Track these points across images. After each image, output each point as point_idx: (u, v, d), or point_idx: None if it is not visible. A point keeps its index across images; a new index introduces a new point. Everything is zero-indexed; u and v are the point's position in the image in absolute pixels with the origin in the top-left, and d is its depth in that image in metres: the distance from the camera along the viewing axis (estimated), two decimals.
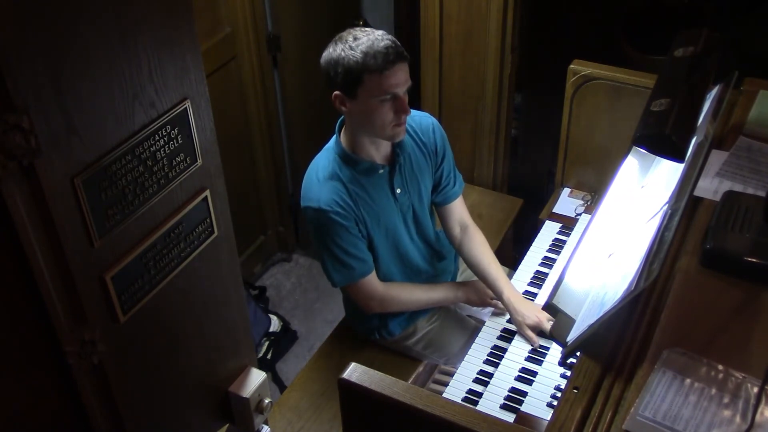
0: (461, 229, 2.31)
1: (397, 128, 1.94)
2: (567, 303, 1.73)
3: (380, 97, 1.87)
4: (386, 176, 2.08)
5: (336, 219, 1.99)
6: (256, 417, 1.70)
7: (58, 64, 1.07)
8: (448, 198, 2.27)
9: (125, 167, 1.23)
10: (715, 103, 1.70)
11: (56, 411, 1.30)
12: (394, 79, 1.87)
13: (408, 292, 2.23)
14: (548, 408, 1.91)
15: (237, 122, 3.09)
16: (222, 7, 2.81)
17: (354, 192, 2.03)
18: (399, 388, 1.27)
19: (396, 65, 1.86)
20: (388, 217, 2.12)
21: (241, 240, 2.92)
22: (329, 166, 2.03)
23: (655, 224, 1.49)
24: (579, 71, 2.43)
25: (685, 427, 1.19)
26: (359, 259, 2.08)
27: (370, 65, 1.84)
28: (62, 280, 1.17)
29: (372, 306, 2.19)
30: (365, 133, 1.99)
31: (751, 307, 1.39)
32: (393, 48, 1.86)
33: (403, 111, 1.91)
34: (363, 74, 1.85)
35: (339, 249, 2.05)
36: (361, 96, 1.88)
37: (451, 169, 2.26)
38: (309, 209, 2.03)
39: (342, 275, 2.10)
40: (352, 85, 1.88)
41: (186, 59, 1.29)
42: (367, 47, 1.84)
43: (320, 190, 2.00)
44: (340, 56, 1.86)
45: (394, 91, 1.88)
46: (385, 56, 1.84)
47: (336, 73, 1.88)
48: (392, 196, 2.11)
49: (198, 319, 1.52)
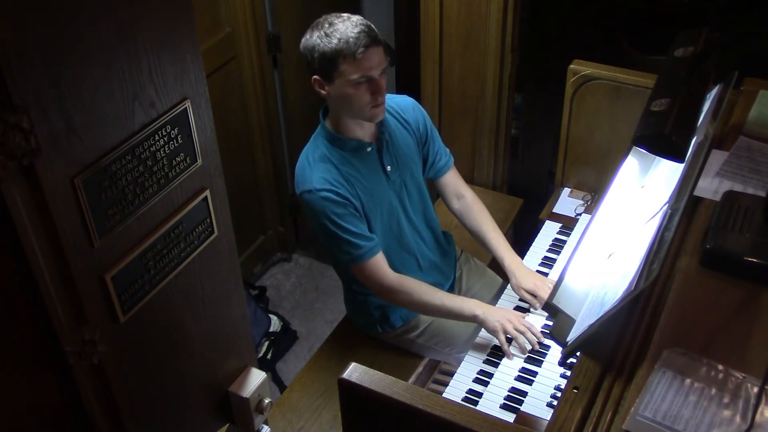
0: (458, 200, 2.39)
1: (375, 109, 2.02)
2: (567, 303, 1.73)
3: (356, 80, 1.95)
4: (375, 154, 2.14)
5: (332, 197, 2.02)
6: (256, 417, 1.70)
7: (58, 64, 1.07)
8: (440, 171, 2.36)
9: (125, 167, 1.23)
10: (715, 103, 1.70)
11: (56, 411, 1.30)
12: (368, 62, 1.94)
13: (422, 291, 2.16)
14: (548, 408, 1.91)
15: (237, 122, 3.08)
16: (222, 7, 2.81)
17: (346, 172, 2.07)
18: (399, 388, 1.27)
19: (369, 49, 1.94)
20: (383, 196, 2.15)
21: (241, 240, 2.92)
22: (318, 149, 2.10)
23: (655, 224, 1.49)
24: (579, 71, 2.43)
25: (685, 427, 1.19)
26: (363, 237, 2.08)
27: (344, 50, 1.92)
28: (62, 280, 1.17)
29: (383, 289, 2.14)
30: (346, 114, 2.06)
31: (751, 307, 1.39)
32: (366, 32, 1.94)
33: (379, 92, 1.99)
34: (338, 59, 1.93)
35: (340, 229, 2.05)
36: (338, 80, 1.97)
37: (438, 143, 2.34)
38: (304, 194, 2.05)
39: (349, 255, 2.08)
40: (329, 70, 1.97)
41: (186, 59, 1.29)
42: (341, 33, 1.92)
43: (312, 172, 2.05)
44: (316, 42, 1.96)
45: (369, 74, 1.96)
46: (357, 41, 1.92)
47: (313, 58, 1.98)
48: (384, 173, 2.15)
49: (198, 319, 1.52)
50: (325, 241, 2.12)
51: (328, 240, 2.09)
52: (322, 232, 2.09)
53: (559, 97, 2.55)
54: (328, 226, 2.05)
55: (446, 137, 2.50)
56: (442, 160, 2.35)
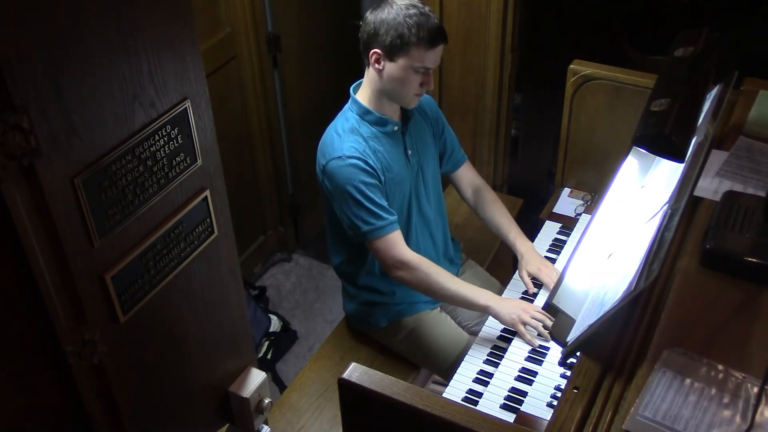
0: (474, 191, 2.44)
1: (417, 98, 2.11)
2: (567, 303, 1.73)
3: (417, 68, 2.02)
4: (399, 135, 2.18)
5: (361, 165, 2.05)
6: (256, 417, 1.70)
7: (58, 64, 1.07)
8: (457, 163, 2.42)
9: (125, 167, 1.23)
10: (715, 103, 1.70)
11: (56, 411, 1.30)
12: (434, 56, 2.03)
13: (439, 272, 2.14)
14: (548, 408, 1.91)
15: (237, 122, 3.08)
16: (222, 7, 2.81)
17: (374, 147, 2.10)
18: (399, 388, 1.27)
19: (440, 45, 2.03)
20: (403, 177, 2.17)
21: (241, 240, 2.92)
22: (348, 122, 2.13)
23: (655, 224, 1.49)
24: (579, 71, 2.43)
25: (685, 427, 1.19)
26: (386, 210, 2.08)
27: (422, 39, 1.99)
28: (62, 280, 1.17)
29: (400, 264, 2.11)
30: (387, 94, 2.10)
31: (751, 307, 1.39)
32: (441, 30, 2.04)
33: (428, 84, 2.08)
34: (411, 44, 1.99)
35: (365, 197, 2.04)
36: (401, 62, 2.02)
37: (453, 136, 2.41)
38: (331, 161, 2.05)
39: (370, 226, 2.06)
40: (397, 50, 2.01)
41: (186, 59, 1.29)
42: (422, 21, 1.99)
43: (341, 142, 2.07)
44: (396, 20, 1.99)
45: (431, 66, 2.04)
46: (435, 35, 2.00)
47: (386, 33, 2.01)
48: (405, 156, 2.18)
49: (198, 319, 1.52)
50: (345, 212, 2.08)
51: (350, 209, 2.06)
52: (343, 202, 2.07)
53: (559, 97, 2.55)
54: (353, 193, 2.04)
55: None
56: (458, 153, 2.41)
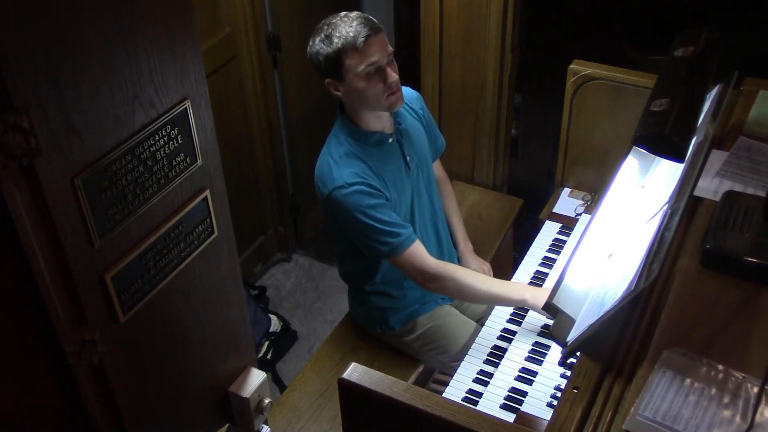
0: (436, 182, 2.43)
1: (391, 97, 2.01)
2: (567, 303, 1.73)
3: (364, 72, 1.95)
4: (396, 145, 2.15)
5: (365, 189, 2.00)
6: (256, 417, 1.70)
7: (58, 64, 1.07)
8: (437, 153, 2.44)
9: (125, 167, 1.23)
10: (715, 103, 1.69)
11: (56, 411, 1.30)
12: (371, 51, 1.94)
13: (468, 276, 2.13)
14: (548, 408, 1.91)
15: (237, 122, 3.08)
16: (222, 7, 2.81)
17: (374, 165, 2.07)
18: (399, 388, 1.27)
19: (370, 38, 1.94)
20: (405, 188, 2.15)
21: (241, 240, 2.92)
22: (341, 146, 2.07)
23: (655, 224, 1.49)
24: (579, 71, 2.43)
25: (685, 427, 1.19)
26: (400, 225, 2.05)
27: (345, 45, 1.93)
28: (62, 280, 1.17)
29: (427, 277, 2.09)
30: (365, 108, 2.06)
31: (751, 307, 1.39)
32: (363, 23, 1.95)
33: (391, 76, 1.98)
34: (341, 55, 1.95)
35: (376, 221, 2.01)
36: (347, 76, 1.97)
37: (435, 126, 2.42)
38: (335, 191, 2.01)
39: (388, 246, 2.04)
40: (336, 69, 1.98)
41: (186, 59, 1.29)
42: (340, 30, 1.94)
43: (340, 169, 2.02)
44: (319, 47, 1.98)
45: (375, 62, 1.96)
46: (356, 33, 1.93)
47: (320, 62, 2.00)
48: (405, 164, 2.16)
49: (198, 319, 1.52)
50: (360, 238, 2.07)
51: (364, 235, 2.05)
52: (356, 229, 2.05)
53: (559, 97, 2.55)
54: (364, 220, 2.01)
55: (446, 137, 2.50)
56: (439, 142, 2.43)
